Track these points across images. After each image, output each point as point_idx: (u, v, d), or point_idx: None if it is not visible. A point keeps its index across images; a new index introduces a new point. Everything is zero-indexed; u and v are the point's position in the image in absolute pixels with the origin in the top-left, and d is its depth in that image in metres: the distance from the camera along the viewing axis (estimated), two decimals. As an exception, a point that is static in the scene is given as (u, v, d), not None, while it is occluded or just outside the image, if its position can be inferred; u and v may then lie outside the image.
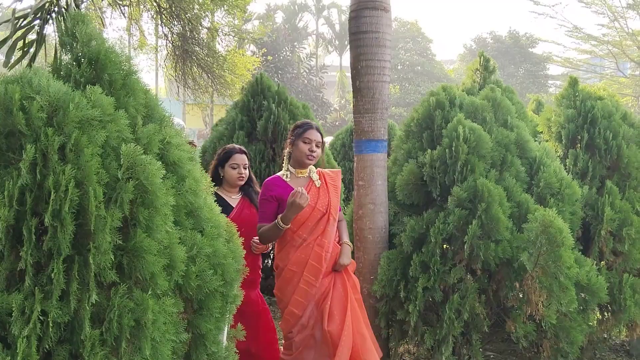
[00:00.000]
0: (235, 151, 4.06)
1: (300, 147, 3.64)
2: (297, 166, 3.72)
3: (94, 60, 2.17)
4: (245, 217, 3.94)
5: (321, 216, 3.63)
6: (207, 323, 2.22)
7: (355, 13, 4.12)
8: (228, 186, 4.08)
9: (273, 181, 3.71)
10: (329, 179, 3.78)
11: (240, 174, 4.01)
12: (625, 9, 32.67)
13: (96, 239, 1.85)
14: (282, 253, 3.68)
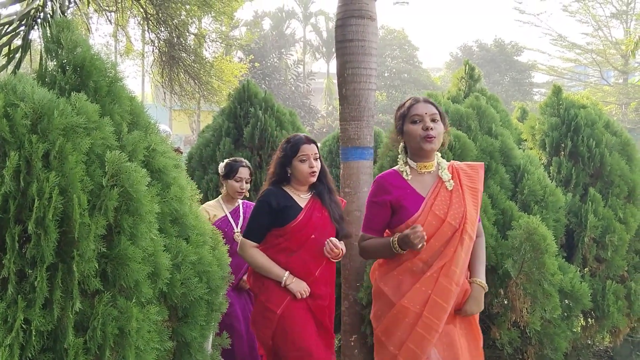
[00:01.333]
0: (303, 141, 3.41)
1: (411, 130, 2.69)
2: (419, 158, 2.76)
3: (79, 67, 2.17)
4: (316, 221, 3.35)
5: (453, 233, 2.64)
6: (192, 331, 2.22)
7: (341, 21, 4.14)
8: (297, 183, 3.43)
9: (389, 179, 2.79)
10: (466, 178, 2.79)
11: (311, 167, 3.35)
12: (609, 18, 33.12)
13: (80, 246, 1.84)
14: (390, 278, 2.74)
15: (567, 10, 33.50)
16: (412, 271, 2.66)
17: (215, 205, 4.23)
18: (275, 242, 3.27)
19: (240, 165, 4.17)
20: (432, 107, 2.72)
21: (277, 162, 3.43)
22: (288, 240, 3.24)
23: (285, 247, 3.25)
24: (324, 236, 3.26)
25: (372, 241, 2.79)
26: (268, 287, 3.19)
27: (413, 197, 2.69)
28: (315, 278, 3.26)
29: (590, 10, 33.03)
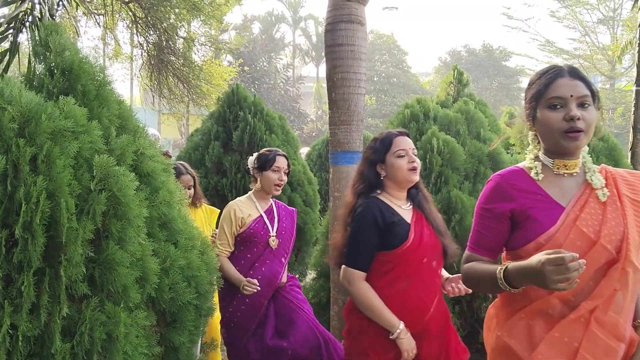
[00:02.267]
0: (395, 134, 2.78)
1: (547, 118, 1.88)
2: (556, 155, 1.94)
3: (68, 71, 2.16)
4: (427, 239, 2.67)
5: (608, 261, 1.80)
6: (180, 336, 2.20)
7: (331, 26, 4.15)
8: (395, 188, 2.73)
9: (513, 179, 1.98)
10: (626, 187, 1.93)
11: (412, 162, 2.70)
12: (596, 24, 33.48)
13: (67, 251, 1.83)
14: (516, 326, 1.91)
15: (554, 16, 33.83)
16: (547, 314, 1.84)
17: (247, 204, 3.64)
18: (381, 271, 2.64)
19: (277, 153, 3.61)
20: (581, 84, 1.86)
21: (365, 163, 2.80)
22: (398, 266, 2.61)
23: (394, 277, 2.62)
24: (434, 258, 2.69)
25: (477, 266, 1.99)
26: (374, 332, 2.62)
27: (547, 205, 1.89)
28: (432, 315, 2.65)
29: (578, 16, 33.37)
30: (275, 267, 3.53)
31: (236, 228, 3.52)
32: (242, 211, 3.54)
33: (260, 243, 3.53)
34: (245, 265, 3.50)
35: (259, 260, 3.52)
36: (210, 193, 6.24)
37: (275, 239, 3.57)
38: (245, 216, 3.53)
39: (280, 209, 3.74)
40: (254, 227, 3.52)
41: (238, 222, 3.51)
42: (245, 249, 3.55)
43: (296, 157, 6.71)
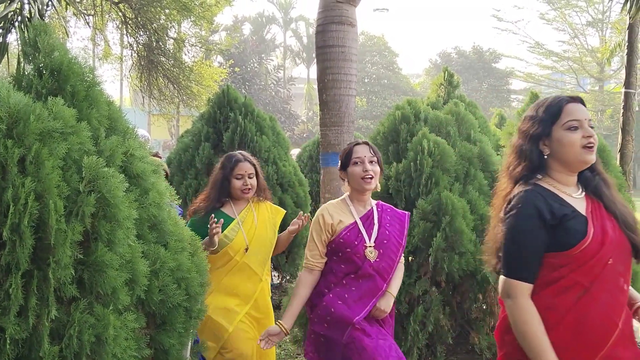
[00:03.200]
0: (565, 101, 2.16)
1: None
2: None
3: (57, 71, 2.14)
4: (612, 236, 2.07)
5: None
6: (170, 338, 2.19)
7: (321, 27, 4.16)
8: (562, 172, 2.15)
9: None
10: None
11: (588, 136, 2.08)
12: (585, 27, 33.75)
13: (56, 253, 1.81)
14: None
15: (544, 18, 34.07)
16: None
17: (340, 208, 3.07)
18: (549, 278, 2.05)
19: (354, 144, 3.08)
20: None
21: (523, 137, 2.21)
22: (574, 272, 2.01)
23: (568, 286, 2.02)
24: (621, 260, 2.07)
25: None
26: None
27: None
28: (621, 332, 2.00)
29: (567, 19, 33.63)
30: (375, 284, 2.93)
31: (326, 236, 2.99)
32: (332, 217, 3.01)
33: (355, 255, 2.94)
34: (337, 278, 2.97)
35: (355, 275, 2.93)
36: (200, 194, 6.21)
37: (374, 250, 2.95)
38: (336, 223, 2.99)
39: (384, 212, 3.09)
40: (346, 235, 2.96)
41: (327, 229, 2.98)
42: (339, 260, 2.99)
43: (287, 159, 6.70)
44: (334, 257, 2.99)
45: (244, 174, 3.52)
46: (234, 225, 3.47)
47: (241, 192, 3.51)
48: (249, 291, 3.44)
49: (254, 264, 3.46)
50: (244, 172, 3.51)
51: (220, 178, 3.53)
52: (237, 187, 3.51)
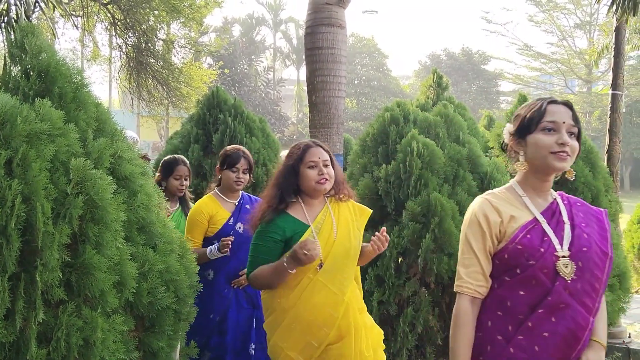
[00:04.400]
0: None
1: None
2: None
3: (44, 73, 2.13)
4: None
5: None
6: (159, 341, 2.19)
7: (311, 29, 4.16)
8: None
9: None
10: None
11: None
12: (573, 29, 34.00)
13: (43, 255, 1.80)
14: None
15: (532, 20, 34.30)
16: None
17: (508, 199, 2.09)
18: None
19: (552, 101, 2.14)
20: None
21: None
22: None
23: None
24: None
25: None
26: None
27: None
28: None
29: (555, 21, 33.88)
30: (575, 319, 1.91)
31: (492, 242, 2.01)
32: (499, 211, 2.03)
33: (541, 271, 1.93)
34: (516, 316, 1.95)
35: (545, 309, 1.92)
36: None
37: (569, 262, 1.94)
38: (506, 220, 2.01)
39: (573, 207, 2.13)
40: (525, 239, 1.96)
41: (495, 231, 2.01)
42: (515, 283, 1.96)
43: (277, 160, 6.69)
44: (506, 276, 1.97)
45: (318, 161, 2.73)
46: (309, 236, 2.68)
47: (316, 183, 2.70)
48: (328, 317, 2.64)
49: (332, 283, 2.65)
50: (317, 158, 2.74)
51: (286, 171, 2.78)
52: (311, 177, 2.71)
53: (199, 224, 3.63)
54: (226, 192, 3.75)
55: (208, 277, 3.63)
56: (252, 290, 3.64)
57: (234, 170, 3.67)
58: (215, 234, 3.63)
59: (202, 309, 3.16)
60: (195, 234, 3.64)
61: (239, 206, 3.75)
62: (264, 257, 2.65)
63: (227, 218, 3.67)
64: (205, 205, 3.68)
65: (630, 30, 12.10)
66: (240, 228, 3.67)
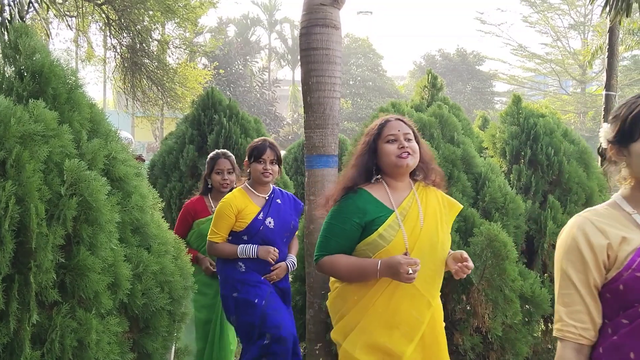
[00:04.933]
0: None
1: None
2: None
3: (38, 74, 2.13)
4: None
5: None
6: (154, 342, 2.18)
7: (305, 30, 4.15)
8: None
9: None
10: None
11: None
12: (567, 29, 34.09)
13: (37, 257, 1.80)
14: None
15: (527, 21, 34.37)
16: None
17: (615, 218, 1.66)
18: None
19: None
20: None
21: None
22: None
23: None
24: None
25: None
26: None
27: None
28: None
29: (550, 21, 33.95)
30: None
31: (599, 273, 1.62)
32: (606, 233, 1.63)
33: None
34: None
35: None
36: (185, 197, 6.18)
37: None
38: (615, 244, 1.60)
39: None
40: None
41: (602, 257, 1.61)
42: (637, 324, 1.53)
43: (271, 161, 6.68)
44: (624, 318, 1.54)
45: (398, 134, 2.44)
46: (392, 222, 2.39)
47: (397, 158, 2.40)
48: (413, 321, 2.37)
49: (418, 280, 2.30)
50: (396, 131, 2.46)
51: (364, 148, 2.53)
52: (390, 152, 2.42)
53: (226, 218, 3.53)
54: (256, 186, 3.67)
55: (240, 269, 3.60)
56: (283, 285, 3.73)
57: (260, 162, 3.60)
58: (245, 229, 3.55)
59: (245, 298, 3.52)
60: (220, 227, 3.56)
61: (270, 201, 3.67)
62: (338, 240, 2.39)
63: (257, 213, 3.58)
64: (234, 199, 3.58)
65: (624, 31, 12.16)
66: (270, 223, 3.60)
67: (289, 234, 3.79)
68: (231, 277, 3.60)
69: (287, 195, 3.85)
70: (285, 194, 3.82)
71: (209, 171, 4.25)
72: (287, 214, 3.75)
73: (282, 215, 3.69)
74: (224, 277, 3.65)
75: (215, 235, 3.57)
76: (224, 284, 3.65)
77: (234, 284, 3.57)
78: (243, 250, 3.52)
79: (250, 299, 3.51)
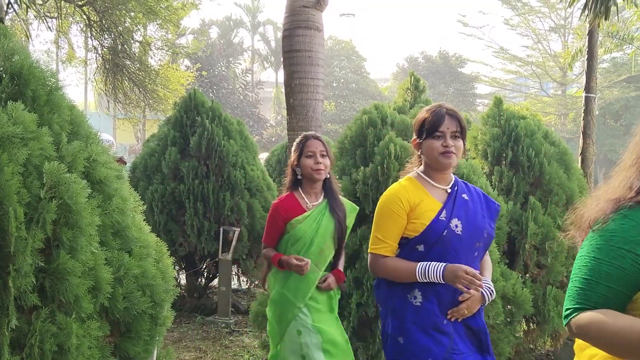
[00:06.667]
0: None
1: None
2: None
3: (17, 76, 2.10)
4: None
5: None
6: (135, 346, 2.16)
7: (288, 32, 4.16)
8: None
9: None
10: None
11: None
12: (548, 32, 34.43)
13: (16, 261, 1.77)
14: None
15: (508, 24, 34.65)
16: None
17: None
18: None
19: None
20: None
21: None
22: None
23: None
24: None
25: None
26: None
27: None
28: None
29: (530, 24, 34.27)
30: None
31: None
32: None
33: None
34: None
35: None
36: (167, 200, 6.15)
37: None
38: None
39: None
40: None
41: None
42: None
43: (255, 163, 6.68)
44: None
45: None
46: None
47: None
48: None
49: None
50: None
51: None
52: None
53: (395, 218, 2.49)
54: (433, 173, 2.57)
55: (414, 301, 2.47)
56: (477, 324, 2.53)
57: (439, 137, 2.50)
58: (421, 235, 2.45)
59: (412, 351, 2.44)
60: (388, 232, 2.50)
61: (453, 194, 2.55)
62: (608, 285, 1.51)
63: (438, 210, 2.48)
64: (404, 190, 2.53)
65: (603, 34, 12.32)
66: (457, 227, 2.46)
67: (481, 246, 2.56)
68: (399, 312, 2.50)
69: (474, 190, 2.68)
70: (472, 189, 2.68)
71: (297, 157, 3.33)
72: (479, 215, 2.57)
73: (471, 216, 2.53)
74: (389, 308, 2.57)
75: (380, 244, 2.51)
76: (387, 316, 2.58)
77: (403, 323, 2.48)
78: (425, 272, 2.40)
79: (421, 355, 2.43)
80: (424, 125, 2.55)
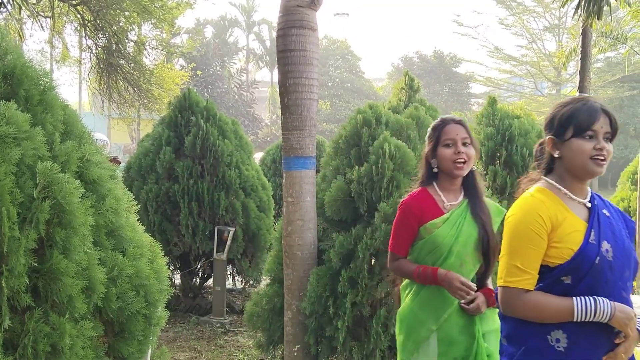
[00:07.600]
0: None
1: None
2: None
3: (10, 75, 2.09)
4: None
5: None
6: (129, 346, 2.16)
7: (282, 31, 4.15)
8: None
9: None
10: None
11: None
12: (542, 32, 34.57)
13: (9, 261, 1.77)
14: None
15: (503, 24, 34.79)
16: None
17: None
18: None
19: None
20: None
21: None
22: None
23: None
24: None
25: None
26: None
27: None
28: None
29: (525, 24, 34.40)
30: None
31: None
32: None
33: None
34: None
35: None
36: (161, 199, 6.14)
37: None
38: None
39: None
40: None
41: None
42: None
43: (249, 163, 6.68)
44: None
45: None
46: None
47: None
48: None
49: None
50: None
51: None
52: None
53: (537, 241, 1.97)
54: (572, 183, 2.07)
55: (556, 345, 1.97)
56: None
57: (589, 138, 1.99)
58: (570, 262, 1.95)
59: None
60: (530, 259, 1.98)
61: (595, 210, 2.04)
62: None
63: (585, 231, 1.98)
64: (541, 205, 2.01)
65: (597, 33, 12.36)
66: (607, 252, 1.96)
67: (630, 275, 2.05)
68: (536, 356, 2.01)
69: (609, 204, 2.18)
70: (608, 203, 2.19)
71: (432, 147, 2.70)
72: (625, 236, 2.07)
73: (619, 238, 2.03)
74: (521, 348, 2.03)
75: (521, 276, 1.98)
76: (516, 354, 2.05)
77: None
78: (586, 308, 1.90)
79: None
80: (570, 120, 2.01)
